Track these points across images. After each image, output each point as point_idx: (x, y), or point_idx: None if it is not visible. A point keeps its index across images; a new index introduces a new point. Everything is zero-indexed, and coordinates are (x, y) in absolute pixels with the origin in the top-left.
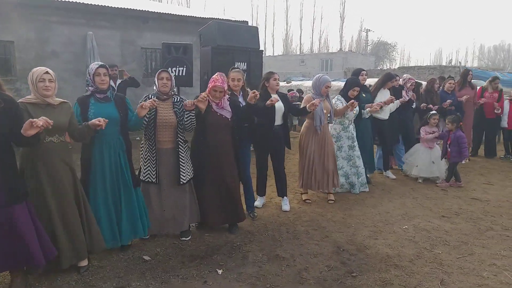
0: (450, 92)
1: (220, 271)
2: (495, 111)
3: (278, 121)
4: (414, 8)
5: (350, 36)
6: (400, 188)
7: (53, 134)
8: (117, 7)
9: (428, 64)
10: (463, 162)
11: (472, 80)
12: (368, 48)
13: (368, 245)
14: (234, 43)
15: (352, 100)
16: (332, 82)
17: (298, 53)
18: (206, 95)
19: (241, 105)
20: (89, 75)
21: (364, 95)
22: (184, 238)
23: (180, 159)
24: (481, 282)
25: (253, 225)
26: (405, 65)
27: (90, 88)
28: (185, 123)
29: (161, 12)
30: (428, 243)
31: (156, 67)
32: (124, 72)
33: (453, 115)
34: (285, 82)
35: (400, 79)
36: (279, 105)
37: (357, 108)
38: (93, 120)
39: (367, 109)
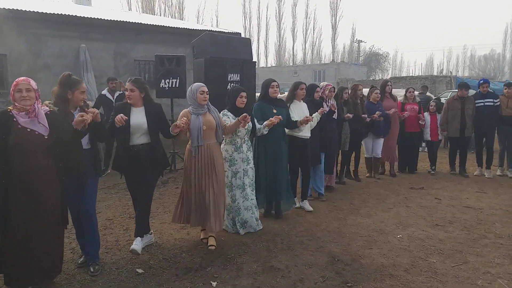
0: (376, 103)
1: (214, 284)
2: (420, 122)
3: (141, 139)
4: (405, 19)
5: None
6: (394, 198)
7: None
8: (110, 20)
9: (420, 74)
10: None
11: None
12: (360, 59)
13: (363, 255)
14: (227, 54)
15: (245, 114)
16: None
17: (291, 64)
18: None
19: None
20: None
21: (275, 110)
22: None
23: None
24: None
25: (247, 236)
26: (397, 75)
27: None
28: None
29: (154, 24)
30: (423, 252)
31: (149, 79)
32: (121, 84)
33: None
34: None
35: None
36: (138, 120)
37: (250, 123)
38: None
39: (264, 123)
